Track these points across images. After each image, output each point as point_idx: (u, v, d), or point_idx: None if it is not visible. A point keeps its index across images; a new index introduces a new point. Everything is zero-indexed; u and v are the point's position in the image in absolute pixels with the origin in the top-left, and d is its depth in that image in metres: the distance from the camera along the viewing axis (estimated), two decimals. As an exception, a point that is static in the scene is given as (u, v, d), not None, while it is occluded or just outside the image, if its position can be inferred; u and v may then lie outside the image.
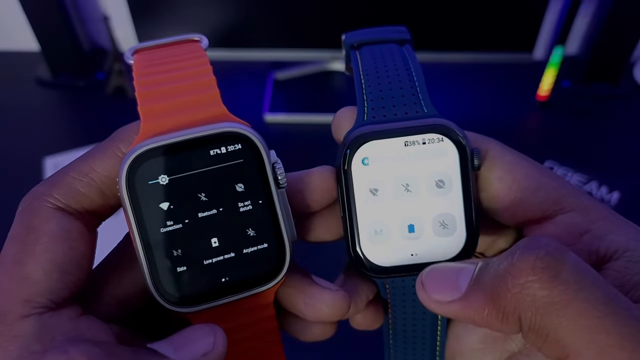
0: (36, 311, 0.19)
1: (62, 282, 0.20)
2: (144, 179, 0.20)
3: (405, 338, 0.26)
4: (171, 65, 0.22)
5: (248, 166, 0.21)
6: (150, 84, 0.21)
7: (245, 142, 0.21)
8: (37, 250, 0.20)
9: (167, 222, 0.21)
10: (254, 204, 0.21)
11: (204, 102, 0.21)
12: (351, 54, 0.26)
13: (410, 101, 0.23)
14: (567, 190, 0.22)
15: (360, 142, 0.23)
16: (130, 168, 0.20)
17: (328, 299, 0.23)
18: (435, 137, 0.22)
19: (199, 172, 0.21)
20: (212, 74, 0.22)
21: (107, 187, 0.21)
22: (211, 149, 0.21)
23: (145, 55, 0.23)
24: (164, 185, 0.20)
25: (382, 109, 0.23)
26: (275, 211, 0.22)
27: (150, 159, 0.20)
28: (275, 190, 0.21)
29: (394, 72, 0.24)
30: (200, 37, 0.24)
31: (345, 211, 0.23)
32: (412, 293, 0.24)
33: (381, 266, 0.23)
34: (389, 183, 0.23)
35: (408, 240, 0.23)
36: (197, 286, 0.21)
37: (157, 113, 0.21)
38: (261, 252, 0.22)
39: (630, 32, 0.85)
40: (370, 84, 0.24)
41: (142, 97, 0.21)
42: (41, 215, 0.20)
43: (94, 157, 0.21)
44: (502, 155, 0.23)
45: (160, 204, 0.20)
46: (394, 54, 0.25)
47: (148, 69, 0.22)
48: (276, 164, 0.21)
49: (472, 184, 0.23)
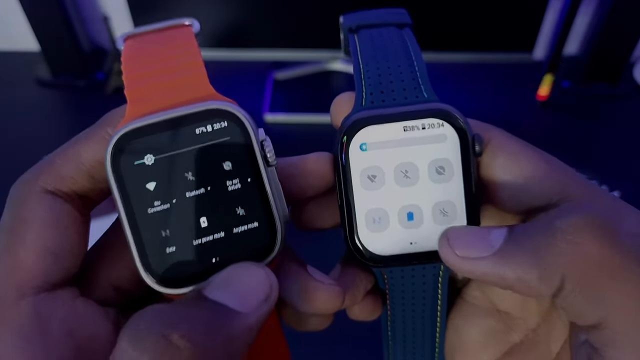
0: (31, 292, 0.19)
1: (57, 266, 0.20)
2: (129, 160, 0.20)
3: (405, 330, 0.26)
4: (158, 48, 0.22)
5: (235, 144, 0.21)
6: (137, 67, 0.21)
7: (231, 120, 0.21)
8: (27, 238, 0.19)
9: (155, 202, 0.20)
10: (242, 182, 0.21)
11: (190, 83, 0.21)
12: (349, 37, 0.25)
13: (410, 86, 0.23)
14: (572, 179, 0.21)
15: (358, 127, 0.22)
16: (115, 149, 0.20)
17: (321, 293, 0.23)
18: (435, 122, 0.22)
19: (185, 151, 0.20)
20: (199, 55, 0.22)
21: (95, 171, 0.21)
22: (196, 127, 0.20)
23: (135, 40, 0.23)
24: (150, 165, 0.20)
25: (380, 93, 0.23)
26: (264, 190, 0.21)
27: (135, 139, 0.20)
28: (265, 168, 0.21)
29: (393, 57, 0.24)
30: (192, 21, 0.24)
31: (342, 198, 0.23)
32: (411, 284, 0.24)
33: (379, 255, 0.23)
34: (388, 169, 0.22)
35: (407, 228, 0.23)
36: (187, 267, 0.21)
37: (143, 95, 0.21)
38: (252, 231, 0.21)
39: (630, 32, 0.85)
40: (368, 68, 0.23)
41: (129, 80, 0.21)
42: (31, 202, 0.20)
43: (81, 142, 0.21)
44: (506, 143, 0.22)
45: (147, 184, 0.20)
46: (393, 37, 0.24)
47: (135, 53, 0.22)
48: (264, 141, 0.21)
49: (473, 171, 0.22)
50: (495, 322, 0.25)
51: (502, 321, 0.25)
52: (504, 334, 0.24)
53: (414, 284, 0.24)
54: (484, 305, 0.25)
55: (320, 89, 0.91)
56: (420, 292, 0.24)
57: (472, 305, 0.25)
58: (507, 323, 0.24)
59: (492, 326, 0.24)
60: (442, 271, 0.24)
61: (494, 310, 0.25)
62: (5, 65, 0.97)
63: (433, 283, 0.24)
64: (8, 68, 0.96)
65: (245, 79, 0.92)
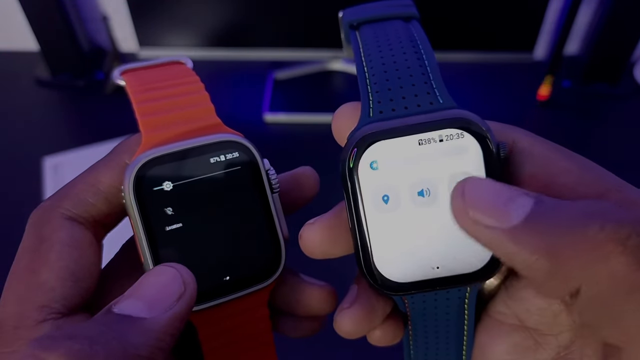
0: (52, 317, 0.20)
1: (76, 289, 0.20)
2: (149, 186, 0.21)
3: (427, 354, 0.24)
4: (165, 83, 0.24)
5: (245, 172, 0.22)
6: (148, 99, 0.23)
7: (242, 151, 0.22)
8: (50, 258, 0.20)
9: (172, 225, 0.22)
10: (251, 207, 0.23)
11: (200, 115, 0.23)
12: (350, 35, 0.23)
13: (423, 90, 0.20)
14: (609, 183, 0.19)
15: (368, 144, 0.20)
16: (137, 175, 0.21)
17: (316, 294, 0.24)
18: (455, 132, 0.19)
19: (200, 179, 0.22)
20: (205, 90, 0.24)
21: (113, 196, 0.22)
22: (211, 157, 0.22)
23: (136, 75, 0.24)
24: (168, 191, 0.21)
25: (390, 101, 0.20)
26: (270, 214, 0.23)
27: (155, 167, 0.21)
28: (271, 195, 0.23)
29: (401, 56, 0.21)
30: (185, 59, 0.25)
31: (354, 222, 0.21)
32: (434, 307, 0.22)
33: (398, 282, 0.21)
34: (403, 189, 0.20)
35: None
36: (200, 285, 0.21)
37: (157, 125, 0.22)
38: (259, 251, 0.23)
39: (630, 32, 0.84)
40: (374, 72, 0.21)
41: (142, 111, 0.22)
42: (53, 226, 0.21)
43: (99, 168, 0.22)
44: (532, 147, 0.20)
45: (165, 208, 0.22)
46: (399, 33, 0.22)
47: (144, 86, 0.23)
48: (269, 170, 0.23)
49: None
50: (523, 339, 0.22)
51: (530, 338, 0.22)
52: (532, 351, 0.22)
53: (437, 307, 0.22)
54: (510, 322, 0.23)
55: (320, 89, 0.91)
56: (444, 314, 0.22)
57: (497, 321, 0.23)
58: (536, 340, 0.22)
59: (519, 343, 0.22)
60: (468, 293, 0.22)
61: (521, 326, 0.22)
62: (5, 65, 0.97)
63: (458, 306, 0.22)
64: (7, 68, 0.96)
65: (245, 78, 0.92)
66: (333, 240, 0.22)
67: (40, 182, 0.75)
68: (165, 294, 0.19)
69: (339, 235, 0.22)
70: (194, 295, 0.19)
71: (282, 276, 0.24)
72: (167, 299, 0.18)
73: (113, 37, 0.88)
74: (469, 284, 0.21)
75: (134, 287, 0.19)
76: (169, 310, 0.18)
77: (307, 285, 0.25)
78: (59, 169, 0.77)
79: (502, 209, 0.17)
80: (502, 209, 0.17)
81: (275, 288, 0.24)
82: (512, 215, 0.17)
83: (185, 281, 0.19)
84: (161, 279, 0.19)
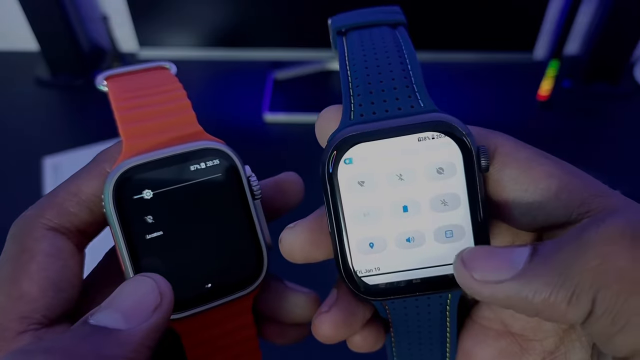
0: (32, 327, 0.19)
1: (57, 300, 0.20)
2: (129, 194, 0.21)
3: (411, 358, 0.24)
4: (148, 91, 0.23)
5: (226, 179, 0.22)
6: (129, 107, 0.23)
7: (223, 157, 0.22)
8: (32, 269, 0.20)
9: (152, 233, 0.22)
10: (232, 214, 0.23)
11: (181, 123, 0.23)
12: (337, 40, 0.23)
13: (404, 94, 0.20)
14: (594, 189, 0.19)
15: (347, 146, 0.20)
16: (117, 184, 0.21)
17: (300, 301, 0.24)
18: (434, 135, 0.20)
19: (180, 186, 0.22)
20: (187, 98, 0.24)
21: (94, 205, 0.22)
22: (192, 164, 0.22)
23: (120, 82, 0.24)
24: (148, 199, 0.21)
25: (371, 104, 0.20)
26: (252, 220, 0.23)
27: (134, 175, 0.21)
28: (252, 201, 0.23)
29: (385, 60, 0.21)
30: (170, 64, 0.25)
31: (333, 226, 0.21)
32: (416, 314, 0.22)
33: (376, 285, 0.21)
34: (383, 195, 0.20)
35: (407, 250, 0.20)
36: (181, 293, 0.22)
37: (138, 133, 0.22)
38: (241, 258, 0.23)
39: (630, 32, 0.84)
40: (357, 75, 0.21)
41: (123, 120, 0.22)
42: (35, 236, 0.21)
43: (81, 177, 0.22)
44: (515, 152, 0.20)
45: (145, 216, 0.21)
46: (385, 38, 0.22)
47: (126, 94, 0.23)
48: (251, 177, 0.23)
49: (479, 188, 0.20)
50: (508, 344, 0.22)
51: (515, 343, 0.22)
52: (518, 357, 0.22)
53: (419, 313, 0.22)
54: (496, 327, 0.23)
55: (320, 89, 0.91)
56: (426, 320, 0.22)
57: (482, 327, 0.23)
58: (521, 345, 0.22)
59: (504, 349, 0.22)
60: (449, 299, 0.22)
61: (506, 331, 0.23)
62: (5, 65, 0.97)
63: (440, 312, 0.22)
64: (7, 68, 0.96)
65: (245, 78, 0.92)
66: (314, 244, 0.22)
67: (40, 182, 0.75)
68: (142, 305, 0.19)
69: (319, 239, 0.21)
70: (171, 306, 0.19)
71: (266, 283, 0.24)
72: (144, 310, 0.18)
73: (113, 37, 0.88)
74: (449, 289, 0.21)
75: (110, 298, 0.19)
76: (145, 322, 0.18)
77: (290, 292, 0.25)
78: (59, 169, 0.77)
79: (504, 262, 0.18)
80: (504, 262, 0.18)
81: (260, 294, 0.24)
82: (515, 263, 0.17)
83: (162, 292, 0.19)
84: (138, 290, 0.19)
